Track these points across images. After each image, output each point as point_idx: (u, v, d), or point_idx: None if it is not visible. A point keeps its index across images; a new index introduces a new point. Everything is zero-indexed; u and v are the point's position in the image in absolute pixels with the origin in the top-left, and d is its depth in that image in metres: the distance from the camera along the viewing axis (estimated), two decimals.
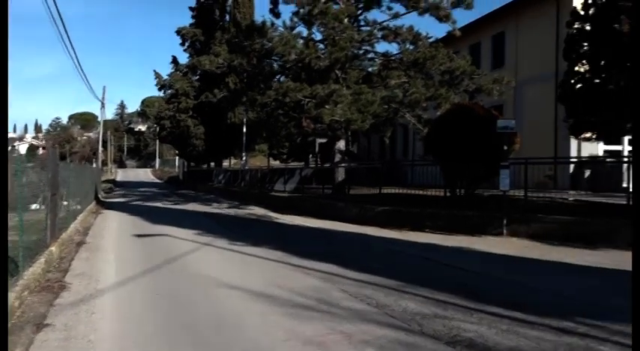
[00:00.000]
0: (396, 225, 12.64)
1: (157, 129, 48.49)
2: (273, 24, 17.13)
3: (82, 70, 75.37)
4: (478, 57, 25.32)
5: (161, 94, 45.15)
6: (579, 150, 18.94)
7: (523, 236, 10.67)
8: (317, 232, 12.47)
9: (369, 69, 19.52)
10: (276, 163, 43.93)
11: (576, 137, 10.60)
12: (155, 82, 40.59)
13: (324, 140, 26.06)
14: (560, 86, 10.52)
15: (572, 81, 10.21)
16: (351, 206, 14.75)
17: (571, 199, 12.99)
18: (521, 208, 11.31)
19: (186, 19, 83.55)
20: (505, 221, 10.96)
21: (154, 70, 40.92)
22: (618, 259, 8.11)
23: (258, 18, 20.29)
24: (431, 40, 17.94)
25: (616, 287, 6.34)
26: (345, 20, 16.80)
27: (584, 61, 10.08)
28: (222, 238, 10.54)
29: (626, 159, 16.84)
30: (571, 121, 10.32)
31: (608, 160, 18.17)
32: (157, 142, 76.55)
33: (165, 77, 40.75)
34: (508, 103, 22.08)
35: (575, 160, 18.48)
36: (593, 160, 18.60)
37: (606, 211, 10.61)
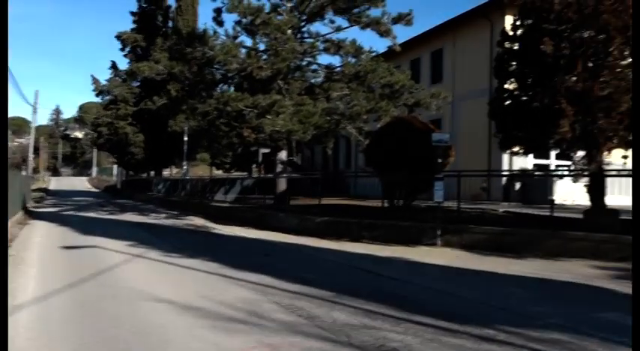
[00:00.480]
0: (334, 236, 12.74)
1: (95, 136, 46.59)
2: (215, 32, 16.96)
3: (10, 72, 71.54)
4: (418, 72, 26.12)
5: (99, 100, 43.60)
6: (511, 163, 19.83)
7: (456, 246, 11.01)
8: (255, 243, 12.35)
9: (312, 80, 19.63)
10: (219, 173, 43.30)
11: (505, 151, 11.08)
12: (93, 87, 39.14)
13: (267, 150, 25.99)
14: (490, 103, 10.99)
15: (502, 98, 10.69)
16: (292, 217, 14.73)
17: (501, 210, 13.56)
18: (454, 219, 11.67)
19: (127, 24, 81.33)
20: (439, 232, 11.28)
21: (92, 75, 39.50)
22: (541, 268, 8.52)
23: (201, 25, 20.05)
24: (373, 54, 18.34)
25: (537, 295, 6.64)
26: (289, 31, 16.90)
27: (512, 80, 10.57)
28: (157, 250, 10.23)
29: (552, 172, 17.82)
30: (500, 136, 10.78)
31: (536, 173, 19.10)
32: (95, 149, 73.62)
33: (104, 83, 39.38)
34: (446, 117, 22.86)
35: (506, 173, 19.29)
36: (523, 173, 19.47)
37: (532, 222, 11.13)
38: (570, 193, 16.03)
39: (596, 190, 10.23)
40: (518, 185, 19.93)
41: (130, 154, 38.84)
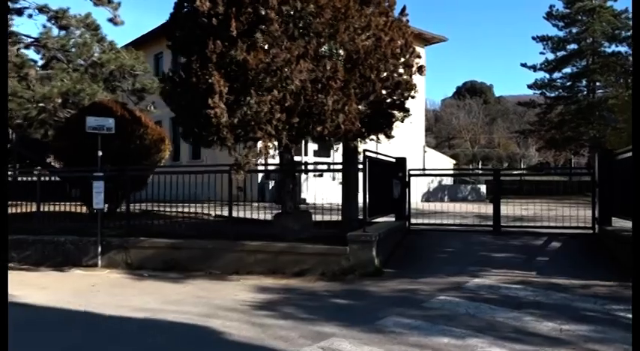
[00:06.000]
0: None
1: None
2: None
3: None
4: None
5: None
6: (266, 159, 18.14)
7: (121, 266, 8.40)
8: None
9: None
10: None
11: (188, 142, 8.77)
12: None
13: None
14: (161, 80, 8.58)
15: (175, 75, 8.34)
16: None
17: (214, 214, 11.34)
18: (132, 230, 9.01)
19: None
20: (100, 249, 8.52)
21: None
22: (185, 298, 6.24)
23: None
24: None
25: None
26: None
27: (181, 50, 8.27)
28: None
29: (310, 167, 16.30)
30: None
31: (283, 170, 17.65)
32: None
33: None
34: None
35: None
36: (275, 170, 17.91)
37: (231, 229, 9.02)
38: (328, 191, 14.50)
39: (283, 188, 8.51)
40: (272, 184, 18.35)
41: None
